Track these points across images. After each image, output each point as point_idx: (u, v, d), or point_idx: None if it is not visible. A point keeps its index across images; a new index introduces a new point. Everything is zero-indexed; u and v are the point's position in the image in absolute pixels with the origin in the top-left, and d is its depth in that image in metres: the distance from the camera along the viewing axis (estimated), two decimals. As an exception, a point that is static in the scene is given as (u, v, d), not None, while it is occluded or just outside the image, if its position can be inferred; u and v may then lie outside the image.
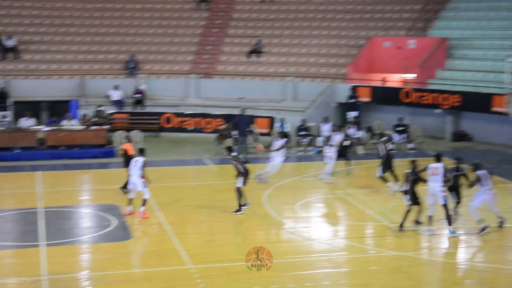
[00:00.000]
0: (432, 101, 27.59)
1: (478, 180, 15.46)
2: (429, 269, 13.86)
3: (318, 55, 32.32)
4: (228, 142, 24.93)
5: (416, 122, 28.42)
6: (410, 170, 15.82)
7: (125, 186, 18.90)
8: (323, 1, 34.73)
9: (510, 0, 30.90)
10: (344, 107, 29.36)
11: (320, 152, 25.43)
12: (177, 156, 25.17)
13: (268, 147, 20.52)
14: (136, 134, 25.77)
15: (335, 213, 18.06)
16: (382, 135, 21.52)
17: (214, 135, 26.71)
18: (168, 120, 28.97)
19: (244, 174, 17.37)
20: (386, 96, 29.02)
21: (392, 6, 33.57)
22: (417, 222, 15.94)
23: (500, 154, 24.81)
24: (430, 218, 15.50)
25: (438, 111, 27.72)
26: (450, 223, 15.39)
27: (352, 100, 28.54)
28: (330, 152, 20.52)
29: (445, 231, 15.63)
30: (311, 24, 33.76)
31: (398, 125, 26.22)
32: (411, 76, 30.64)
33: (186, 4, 36.04)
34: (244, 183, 17.40)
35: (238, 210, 17.29)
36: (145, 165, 17.01)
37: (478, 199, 15.50)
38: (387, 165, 19.16)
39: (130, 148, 19.21)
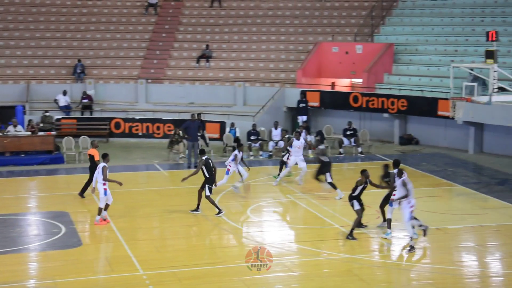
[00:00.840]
0: (380, 105, 27.98)
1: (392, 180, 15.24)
2: (379, 271, 14.04)
3: (268, 60, 32.45)
4: (180, 147, 24.80)
5: (365, 126, 28.82)
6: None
7: (83, 192, 18.81)
8: (271, 7, 34.92)
9: (452, 7, 31.68)
10: (294, 112, 29.56)
11: (271, 156, 25.57)
12: (127, 161, 24.87)
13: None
14: (84, 140, 25.36)
15: (287, 217, 18.13)
16: (320, 141, 21.68)
17: (165, 140, 26.50)
18: (117, 126, 28.61)
19: (209, 180, 17.19)
20: (335, 101, 29.31)
21: (339, 12, 34.00)
22: (362, 226, 16.10)
23: (446, 157, 25.38)
24: (390, 221, 15.76)
25: (386, 115, 28.14)
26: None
27: (302, 105, 28.75)
28: (300, 158, 20.38)
29: (394, 233, 15.91)
30: (260, 29, 33.90)
31: (347, 129, 26.49)
32: (359, 81, 31.06)
33: (134, 8, 35.71)
34: (210, 189, 17.27)
35: (219, 212, 17.34)
36: (106, 170, 16.65)
37: (407, 215, 14.84)
38: (321, 171, 19.22)
39: (96, 153, 18.96)
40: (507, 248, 15.35)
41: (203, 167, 17.14)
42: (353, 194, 15.69)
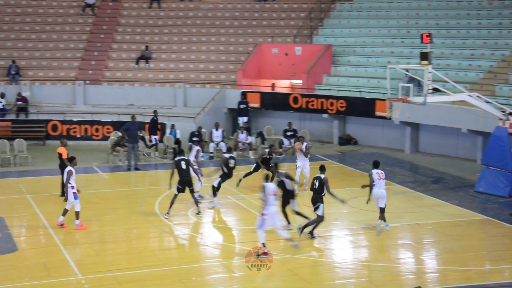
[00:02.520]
0: (319, 106, 28.25)
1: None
2: (319, 270, 14.21)
3: (208, 61, 32.36)
4: (121, 149, 24.48)
5: (305, 127, 29.08)
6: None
7: (63, 193, 18.36)
8: (211, 8, 34.87)
9: (388, 9, 32.30)
10: (235, 113, 29.58)
11: (212, 158, 25.51)
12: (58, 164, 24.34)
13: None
14: (19, 143, 24.74)
15: (228, 218, 18.14)
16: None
17: (104, 143, 26.11)
18: (54, 128, 28.03)
19: (180, 181, 17.02)
20: (275, 102, 29.44)
21: (278, 14, 34.22)
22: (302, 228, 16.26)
23: (384, 157, 25.84)
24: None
25: (325, 116, 28.46)
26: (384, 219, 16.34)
27: (242, 106, 28.80)
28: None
29: (329, 233, 16.15)
30: (200, 31, 33.80)
31: (287, 130, 26.66)
32: (298, 82, 31.31)
33: (70, 8, 35.05)
34: (179, 189, 17.19)
35: (198, 213, 17.36)
36: (70, 174, 16.28)
37: (258, 222, 14.53)
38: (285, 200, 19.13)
39: (64, 152, 18.63)
40: (441, 244, 15.78)
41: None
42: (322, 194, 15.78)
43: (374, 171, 16.49)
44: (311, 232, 15.90)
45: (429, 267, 14.50)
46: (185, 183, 17.27)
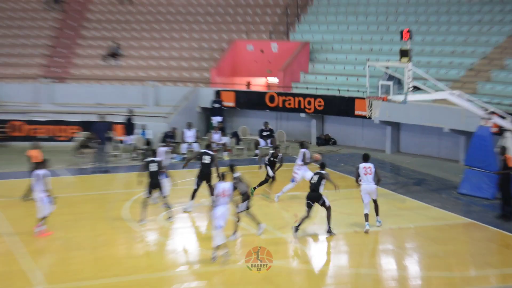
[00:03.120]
0: (296, 105, 28.12)
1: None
2: (297, 277, 13.92)
3: (180, 58, 32.02)
4: (89, 151, 24.07)
5: (282, 127, 28.88)
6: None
7: (27, 195, 17.96)
8: (183, 3, 34.49)
9: (366, 5, 32.22)
10: (208, 112, 29.29)
11: (184, 159, 25.13)
12: (27, 167, 23.80)
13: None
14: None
15: (201, 224, 17.76)
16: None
17: (70, 144, 25.60)
18: (17, 128, 27.37)
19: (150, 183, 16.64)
20: (251, 101, 29.28)
21: (253, 9, 33.97)
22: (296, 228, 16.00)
23: (363, 157, 25.68)
24: (367, 215, 16.33)
25: (302, 115, 28.29)
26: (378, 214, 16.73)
27: (216, 105, 28.50)
28: None
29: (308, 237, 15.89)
30: (173, 27, 33.43)
31: (263, 130, 26.42)
32: (275, 80, 31.08)
33: (37, 4, 34.40)
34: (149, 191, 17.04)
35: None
36: (43, 177, 15.88)
37: (214, 222, 14.34)
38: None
39: (37, 155, 18.30)
40: (424, 249, 15.60)
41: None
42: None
43: (362, 165, 16.60)
44: (329, 231, 15.93)
45: (411, 273, 14.33)
46: (153, 186, 16.91)
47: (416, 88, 19.72)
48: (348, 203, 19.01)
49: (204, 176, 17.89)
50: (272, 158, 19.59)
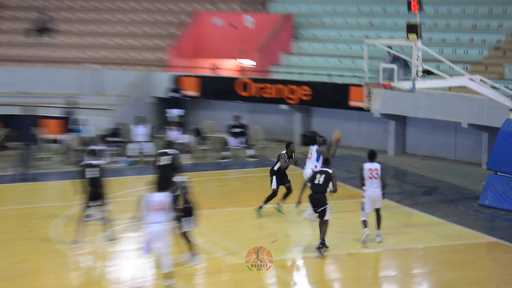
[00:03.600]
0: (276, 94, 28.30)
1: None
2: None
3: (128, 35, 32.05)
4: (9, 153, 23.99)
5: (258, 122, 28.92)
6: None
7: None
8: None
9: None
10: (164, 104, 29.26)
11: (133, 163, 25.07)
12: None
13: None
14: None
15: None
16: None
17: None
18: None
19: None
20: (219, 89, 29.41)
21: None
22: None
23: (360, 160, 25.58)
24: (365, 222, 16.84)
25: (284, 107, 28.31)
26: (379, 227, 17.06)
27: (175, 94, 28.41)
28: None
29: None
30: (118, -6, 33.45)
31: (234, 126, 26.46)
32: (249, 62, 31.07)
33: None
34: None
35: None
36: None
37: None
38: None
39: None
40: (436, 276, 15.65)
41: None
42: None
43: (366, 165, 16.87)
44: (320, 247, 16.10)
45: (420, 307, 14.37)
46: (92, 197, 16.91)
47: (427, 73, 19.92)
48: (341, 217, 19.00)
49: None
50: (285, 162, 18.83)
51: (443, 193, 21.99)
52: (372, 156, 17.21)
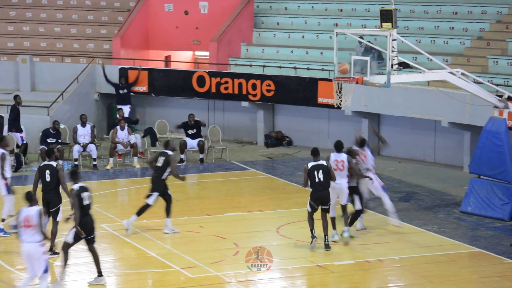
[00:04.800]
0: (236, 90, 28.21)
1: None
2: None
3: (68, 22, 31.82)
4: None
5: (216, 121, 28.99)
6: None
7: None
8: None
9: None
10: (110, 100, 29.31)
11: (76, 167, 24.98)
12: None
13: None
14: None
15: (102, 261, 17.75)
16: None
17: None
18: None
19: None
20: (171, 84, 29.23)
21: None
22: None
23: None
24: (333, 220, 18.12)
25: (245, 104, 28.50)
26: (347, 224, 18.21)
27: (122, 91, 28.49)
28: None
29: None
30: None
31: (188, 126, 26.45)
32: (205, 54, 31.14)
33: None
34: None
35: None
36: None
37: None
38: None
39: None
40: (415, 290, 16.01)
41: None
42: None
43: (333, 156, 17.91)
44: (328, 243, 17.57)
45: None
46: (45, 203, 17.14)
47: (403, 66, 19.95)
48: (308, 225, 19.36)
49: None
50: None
51: (422, 199, 22.26)
52: (339, 147, 18.11)
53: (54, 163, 17.50)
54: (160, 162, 18.83)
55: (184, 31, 31.12)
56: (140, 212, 18.80)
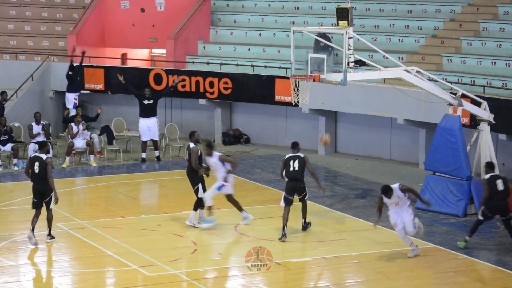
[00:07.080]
0: (193, 87, 28.28)
1: None
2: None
3: (22, 18, 31.69)
4: None
5: (173, 119, 29.12)
6: None
7: None
8: None
9: None
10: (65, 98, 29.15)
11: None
12: None
13: None
14: None
15: (58, 260, 17.79)
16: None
17: None
18: None
19: None
20: (128, 81, 28.97)
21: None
22: None
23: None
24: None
25: (202, 102, 28.58)
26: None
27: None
28: None
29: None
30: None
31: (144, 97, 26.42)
32: (162, 51, 31.15)
33: None
34: None
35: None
36: None
37: None
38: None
39: None
40: (371, 286, 16.18)
41: None
42: None
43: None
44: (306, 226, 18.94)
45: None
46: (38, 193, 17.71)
47: (359, 63, 20.09)
48: (267, 223, 19.52)
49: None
50: None
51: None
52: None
53: (44, 156, 17.86)
54: (187, 155, 19.49)
55: (141, 29, 31.12)
56: (196, 207, 19.36)
